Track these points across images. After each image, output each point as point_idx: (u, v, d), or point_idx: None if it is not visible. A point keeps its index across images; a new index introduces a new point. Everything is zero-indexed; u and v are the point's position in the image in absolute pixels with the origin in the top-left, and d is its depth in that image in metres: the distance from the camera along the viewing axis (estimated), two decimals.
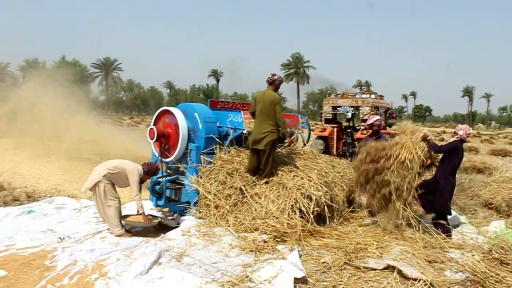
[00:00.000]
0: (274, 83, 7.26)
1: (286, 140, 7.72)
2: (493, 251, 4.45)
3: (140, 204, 6.64)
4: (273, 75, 7.31)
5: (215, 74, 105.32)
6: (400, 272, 4.95)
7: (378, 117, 8.24)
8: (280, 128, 7.08)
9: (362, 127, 11.57)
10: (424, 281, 4.67)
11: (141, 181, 6.88)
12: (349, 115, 12.66)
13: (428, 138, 6.77)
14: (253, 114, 7.32)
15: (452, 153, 6.74)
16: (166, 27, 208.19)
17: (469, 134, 6.86)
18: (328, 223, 6.87)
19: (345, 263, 5.32)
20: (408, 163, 6.51)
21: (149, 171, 6.94)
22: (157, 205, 7.57)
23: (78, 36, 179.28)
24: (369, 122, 8.36)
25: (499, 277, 3.85)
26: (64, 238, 6.30)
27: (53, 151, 15.15)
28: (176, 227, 6.64)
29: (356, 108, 12.30)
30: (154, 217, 7.10)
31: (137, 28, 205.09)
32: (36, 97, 24.99)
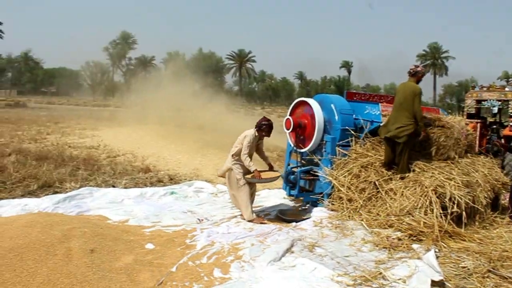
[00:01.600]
0: (417, 75, 7.00)
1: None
2: None
3: (248, 162, 6.56)
4: (416, 66, 7.04)
5: (347, 65, 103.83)
6: None
7: None
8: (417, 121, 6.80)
9: (511, 124, 10.58)
10: None
11: (261, 136, 6.84)
12: (495, 109, 11.66)
13: None
14: None
15: None
16: (307, 18, 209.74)
17: None
18: (469, 225, 6.44)
19: (489, 270, 4.93)
20: None
21: (260, 126, 6.76)
22: (290, 195, 7.69)
23: (215, 28, 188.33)
24: None
25: None
26: (202, 220, 6.66)
27: (191, 137, 16.18)
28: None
29: (505, 102, 11.29)
30: (274, 171, 7.01)
31: (270, 19, 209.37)
32: (175, 87, 26.73)
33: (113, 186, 8.79)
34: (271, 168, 7.01)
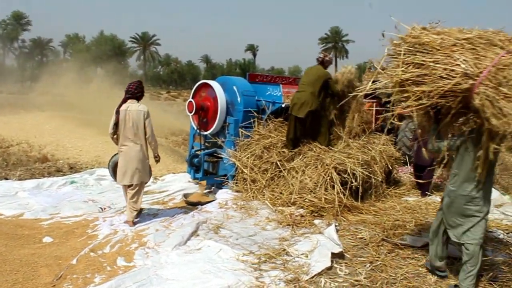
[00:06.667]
0: (324, 64, 7.30)
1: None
2: None
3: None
4: (325, 55, 7.40)
5: (252, 49, 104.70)
6: None
7: None
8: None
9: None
10: None
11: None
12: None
13: None
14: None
15: None
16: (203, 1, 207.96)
17: None
18: (366, 199, 6.80)
19: (383, 239, 5.27)
20: None
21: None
22: (194, 178, 7.65)
23: (116, 10, 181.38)
24: None
25: None
26: (105, 208, 6.47)
27: (93, 124, 15.51)
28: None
29: None
30: None
31: (174, 2, 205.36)
32: (76, 72, 25.51)
33: (6, 179, 8.21)
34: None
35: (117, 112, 5.71)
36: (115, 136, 5.81)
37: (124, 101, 5.77)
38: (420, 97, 3.80)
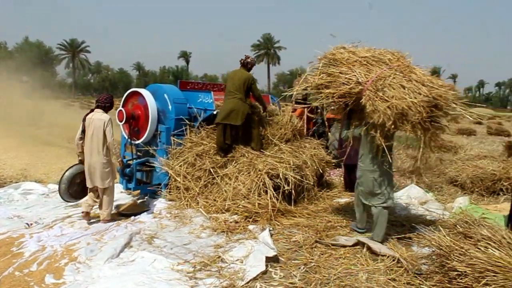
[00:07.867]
0: (247, 66, 7.39)
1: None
2: (457, 226, 4.55)
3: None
4: (247, 57, 7.47)
5: (185, 56, 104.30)
6: (369, 249, 5.09)
7: None
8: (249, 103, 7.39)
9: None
10: (393, 257, 4.78)
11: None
12: None
13: None
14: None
15: None
16: (134, 7, 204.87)
17: None
18: (299, 203, 6.94)
19: (316, 241, 5.41)
20: None
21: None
22: (127, 188, 7.48)
23: (42, 16, 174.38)
24: None
25: (463, 250, 3.93)
26: (31, 224, 6.16)
27: (19, 135, 14.79)
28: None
29: None
30: None
31: (105, 8, 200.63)
32: None
33: None
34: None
35: (84, 120, 6.20)
36: (80, 142, 6.26)
37: (92, 110, 6.29)
38: (328, 96, 5.36)
